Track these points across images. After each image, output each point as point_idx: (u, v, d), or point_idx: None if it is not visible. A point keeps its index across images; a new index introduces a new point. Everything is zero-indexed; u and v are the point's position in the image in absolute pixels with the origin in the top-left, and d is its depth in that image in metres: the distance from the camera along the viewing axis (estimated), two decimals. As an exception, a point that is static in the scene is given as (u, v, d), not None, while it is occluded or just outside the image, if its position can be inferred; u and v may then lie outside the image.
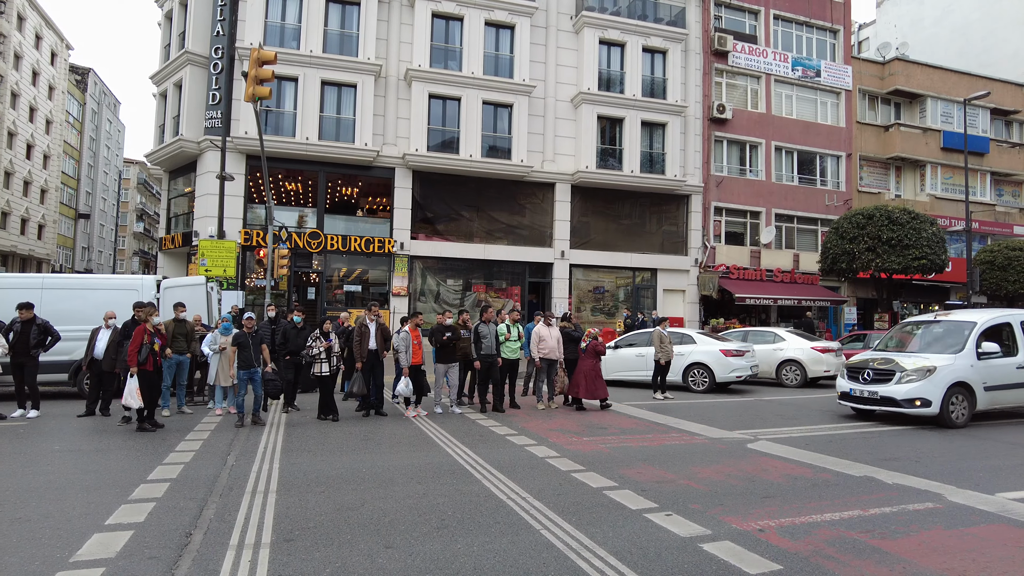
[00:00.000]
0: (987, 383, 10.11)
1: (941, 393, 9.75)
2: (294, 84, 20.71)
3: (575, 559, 4.41)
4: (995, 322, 10.70)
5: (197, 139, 20.71)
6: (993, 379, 10.17)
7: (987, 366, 10.15)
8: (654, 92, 24.72)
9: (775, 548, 4.65)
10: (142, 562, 4.33)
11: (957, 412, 9.94)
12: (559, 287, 23.36)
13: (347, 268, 22.12)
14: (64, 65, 46.18)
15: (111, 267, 60.11)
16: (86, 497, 5.80)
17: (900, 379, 10.10)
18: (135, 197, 69.56)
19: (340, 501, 5.74)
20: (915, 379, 9.95)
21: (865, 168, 29.01)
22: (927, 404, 9.77)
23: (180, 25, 21.74)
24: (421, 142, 21.53)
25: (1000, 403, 10.43)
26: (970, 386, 9.98)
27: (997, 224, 30.91)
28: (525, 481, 6.48)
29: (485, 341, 11.14)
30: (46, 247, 43.87)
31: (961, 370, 9.98)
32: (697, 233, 25.33)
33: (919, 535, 4.97)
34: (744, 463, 7.45)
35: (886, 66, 29.76)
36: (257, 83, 13.19)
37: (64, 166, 47.50)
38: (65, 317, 11.17)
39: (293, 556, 4.45)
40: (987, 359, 10.17)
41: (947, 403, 9.82)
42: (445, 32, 22.57)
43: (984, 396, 10.10)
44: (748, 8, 27.21)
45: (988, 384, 10.12)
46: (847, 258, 23.11)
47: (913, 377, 9.97)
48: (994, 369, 10.21)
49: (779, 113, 27.28)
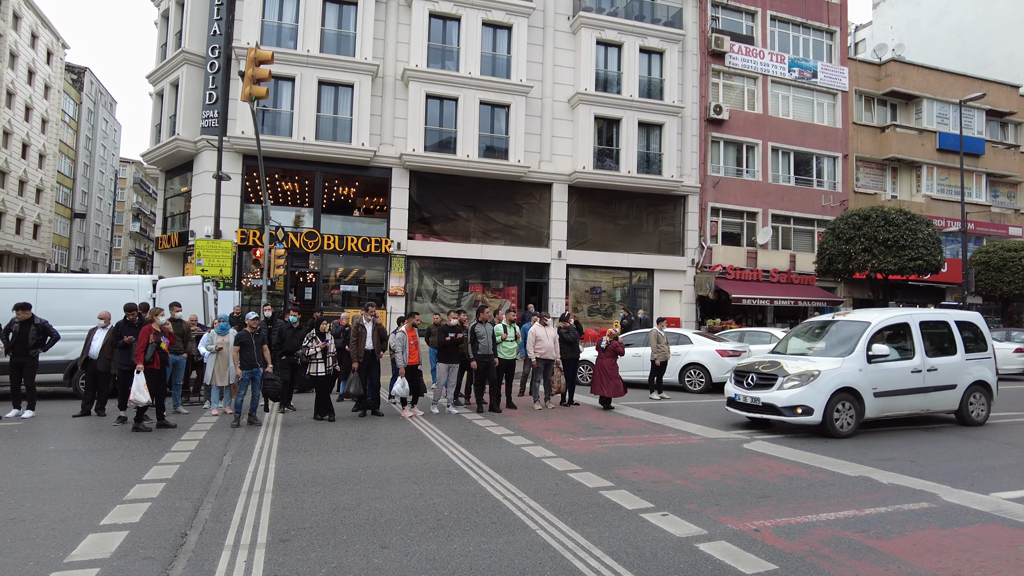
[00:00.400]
0: (877, 388, 9.23)
1: (824, 400, 8.84)
2: (291, 84, 20.69)
3: (571, 559, 4.42)
4: (891, 322, 9.89)
5: (194, 139, 20.67)
6: (885, 384, 9.31)
7: (878, 370, 9.28)
8: (651, 93, 24.75)
9: (771, 548, 4.66)
10: (137, 562, 4.32)
11: (842, 420, 9.05)
12: (556, 287, 23.37)
13: (344, 268, 22.10)
14: (60, 64, 46.03)
15: (107, 267, 59.95)
16: (81, 497, 5.78)
17: (782, 385, 9.17)
18: (131, 197, 69.40)
19: (336, 501, 5.73)
20: (797, 385, 9.03)
21: (861, 169, 29.09)
22: (808, 412, 8.88)
23: (177, 24, 21.69)
24: (418, 142, 21.52)
25: (892, 410, 9.53)
26: (857, 392, 9.09)
27: (992, 225, 31.03)
28: (521, 481, 6.48)
29: (482, 341, 11.14)
30: (42, 247, 43.72)
31: (848, 375, 9.08)
32: (694, 233, 25.36)
33: (914, 535, 4.98)
34: (740, 463, 7.46)
35: (882, 67, 29.85)
36: (254, 83, 13.16)
37: (60, 165, 47.36)
38: (61, 317, 11.12)
39: (289, 556, 4.44)
40: (878, 362, 9.31)
41: (831, 411, 8.92)
42: (442, 32, 22.57)
43: (874, 403, 9.23)
44: (745, 9, 27.27)
45: (879, 390, 9.25)
46: (843, 259, 23.18)
47: (795, 383, 9.05)
48: (886, 373, 9.35)
49: (776, 114, 27.34)
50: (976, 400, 10.27)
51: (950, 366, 9.99)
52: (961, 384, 10.04)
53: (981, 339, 10.58)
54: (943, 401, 9.97)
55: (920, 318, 10.04)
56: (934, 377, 9.74)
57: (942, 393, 9.88)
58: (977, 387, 10.24)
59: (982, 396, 10.36)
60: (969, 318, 10.83)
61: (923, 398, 9.71)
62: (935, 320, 10.36)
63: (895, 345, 9.75)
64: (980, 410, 10.33)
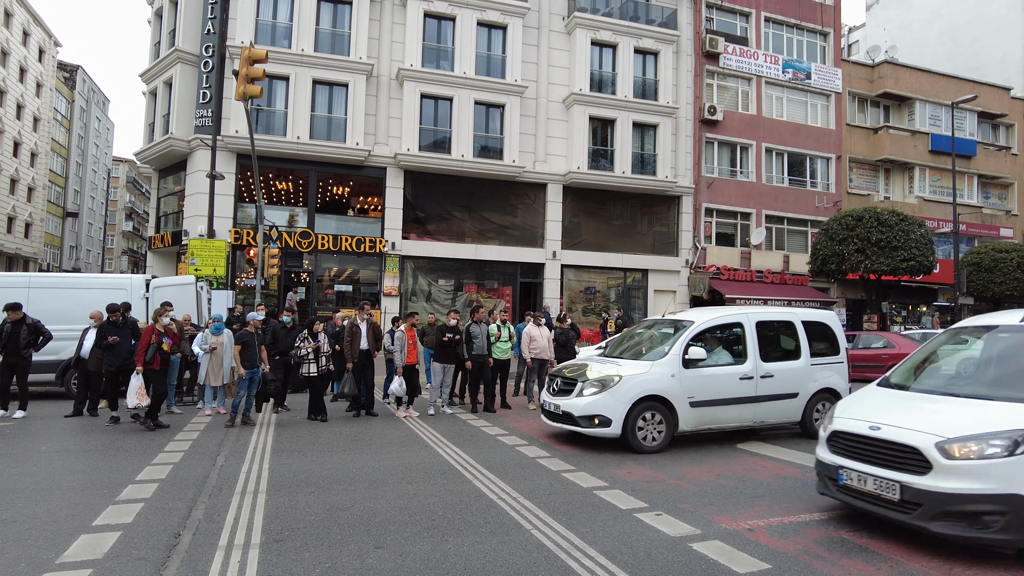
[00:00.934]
0: (695, 397, 8.07)
1: (624, 409, 7.72)
2: (285, 83, 20.62)
3: (565, 559, 4.43)
4: (719, 322, 8.79)
5: (187, 138, 20.58)
6: (705, 392, 8.14)
7: (697, 376, 8.12)
8: (645, 93, 24.80)
9: (764, 547, 4.69)
10: (130, 563, 4.30)
11: (648, 434, 7.88)
12: (550, 287, 23.39)
13: (338, 268, 22.05)
14: (52, 62, 45.76)
15: (99, 266, 59.62)
16: (73, 498, 5.76)
17: (581, 391, 8.07)
18: (124, 196, 69.04)
19: (330, 501, 5.73)
20: (596, 391, 7.92)
21: (854, 170, 29.23)
22: (606, 423, 7.76)
23: (171, 23, 21.59)
24: (413, 142, 21.50)
25: (715, 422, 8.34)
26: (668, 401, 7.95)
27: (984, 226, 31.23)
28: (516, 481, 6.48)
29: (476, 341, 11.14)
30: (33, 246, 43.45)
31: (655, 381, 7.95)
32: (688, 234, 25.42)
33: (906, 534, 5.01)
34: (734, 463, 7.49)
35: (875, 69, 30.00)
36: (248, 82, 13.12)
37: (52, 164, 47.07)
38: (52, 317, 11.05)
39: (283, 557, 4.43)
40: (697, 367, 8.13)
41: (633, 422, 7.78)
42: (437, 32, 22.55)
43: (690, 413, 8.07)
44: (739, 10, 27.36)
45: (697, 399, 8.08)
46: (836, 259, 23.29)
47: (595, 389, 7.93)
48: (708, 380, 8.21)
49: (769, 115, 27.44)
50: (824, 410, 9.00)
51: (791, 372, 8.84)
52: (804, 392, 8.89)
53: (833, 342, 9.47)
54: (782, 411, 8.83)
55: (757, 318, 8.91)
56: (770, 384, 8.59)
57: (781, 403, 8.75)
58: (825, 395, 9.07)
59: (831, 406, 8.61)
60: (819, 317, 9.69)
61: (755, 408, 8.53)
62: (777, 320, 9.28)
63: (729, 348, 8.73)
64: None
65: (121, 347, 9.43)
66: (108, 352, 9.43)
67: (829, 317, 9.80)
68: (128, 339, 9.56)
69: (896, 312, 28.96)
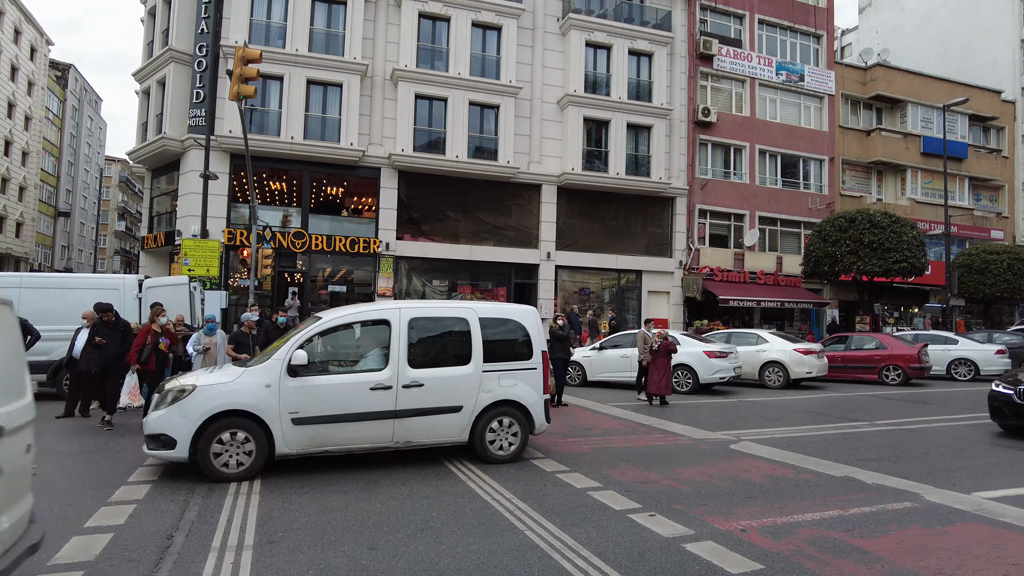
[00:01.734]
0: (301, 412, 6.61)
1: (192, 427, 6.35)
2: (279, 83, 20.56)
3: (559, 559, 4.43)
4: (355, 319, 7.33)
5: (181, 137, 20.49)
6: (316, 407, 6.67)
7: (307, 386, 6.67)
8: (640, 95, 24.85)
9: (757, 548, 4.71)
10: (122, 565, 4.29)
11: (229, 459, 6.42)
12: (545, 288, 23.40)
13: (332, 268, 22.00)
14: (44, 61, 45.48)
15: (92, 266, 59.29)
16: (65, 499, 5.73)
17: (158, 404, 6.75)
18: (117, 195, 68.69)
19: (323, 503, 5.72)
20: (165, 406, 6.60)
21: (847, 172, 29.39)
22: (170, 444, 6.37)
23: (164, 22, 21.49)
24: (407, 142, 21.47)
25: (333, 443, 6.83)
26: (258, 417, 6.50)
27: (975, 228, 31.46)
28: (509, 482, 6.49)
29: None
30: (24, 246, 43.16)
31: (240, 392, 6.55)
32: (682, 235, 25.49)
33: (897, 534, 5.05)
34: (727, 464, 7.51)
35: (868, 71, 30.19)
36: (242, 81, 13.08)
37: (43, 163, 46.78)
38: (44, 317, 10.97)
39: (276, 558, 4.42)
40: (308, 375, 6.75)
41: (206, 444, 6.36)
42: (432, 32, 22.53)
43: (293, 433, 6.59)
44: (733, 13, 27.47)
45: (303, 414, 6.62)
46: (829, 261, 23.42)
47: (168, 402, 6.62)
48: (320, 391, 6.73)
49: (763, 117, 27.55)
50: (502, 428, 7.41)
51: (451, 381, 7.26)
52: (471, 406, 7.27)
53: (526, 343, 7.77)
54: (439, 429, 7.22)
55: (413, 313, 7.35)
56: (417, 396, 7.03)
57: (435, 419, 7.17)
58: (505, 409, 7.43)
59: (512, 422, 7.45)
60: (507, 313, 7.93)
61: (397, 425, 6.96)
62: (442, 317, 7.71)
63: (376, 350, 7.27)
64: (507, 441, 7.44)
65: (108, 349, 9.37)
66: (95, 352, 9.37)
67: (523, 313, 7.97)
68: (118, 340, 9.50)
69: (888, 313, 29.13)
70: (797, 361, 15.73)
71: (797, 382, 15.98)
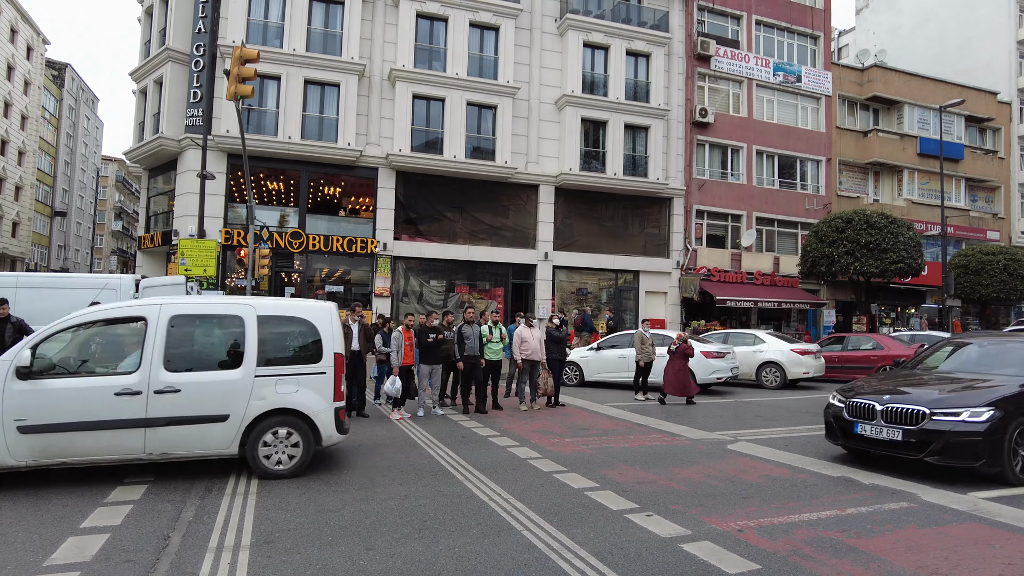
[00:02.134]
0: (29, 420, 5.89)
1: None
2: (277, 83, 20.54)
3: (556, 560, 4.44)
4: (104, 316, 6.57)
5: (178, 137, 20.45)
6: (50, 413, 5.95)
7: (35, 391, 5.95)
8: (637, 95, 24.88)
9: (754, 548, 4.71)
10: (118, 565, 4.28)
11: None
12: (542, 288, 23.40)
13: (329, 268, 21.98)
14: (40, 60, 45.33)
15: (88, 266, 59.14)
16: (60, 500, 5.71)
17: None
18: (113, 195, 68.50)
19: (321, 503, 5.71)
20: None
21: (844, 173, 29.45)
22: None
23: (161, 21, 21.46)
24: (405, 142, 21.46)
25: (72, 454, 6.08)
26: None
27: (971, 229, 31.55)
28: (507, 482, 6.49)
29: (468, 342, 11.14)
30: (20, 245, 43.03)
31: None
32: (679, 236, 25.52)
33: (894, 534, 5.06)
34: (724, 464, 7.52)
35: (865, 72, 30.25)
36: (239, 81, 13.06)
37: (40, 163, 46.62)
38: (40, 317, 10.91)
39: (273, 558, 4.42)
40: (38, 380, 6.00)
41: None
42: (429, 33, 22.53)
43: (20, 443, 5.89)
44: (731, 13, 27.51)
45: (32, 421, 5.90)
46: (826, 261, 23.46)
47: None
48: (54, 396, 6.02)
49: (760, 117, 27.59)
50: (278, 439, 6.64)
51: (216, 386, 6.47)
52: (240, 414, 6.46)
53: (314, 345, 6.90)
54: (201, 439, 6.42)
55: (176, 310, 6.58)
56: (173, 403, 6.26)
57: (195, 428, 6.37)
58: (280, 419, 6.63)
59: (291, 433, 6.66)
60: (294, 311, 7.15)
61: (149, 435, 6.20)
62: (211, 314, 6.91)
63: (134, 352, 6.44)
64: (286, 454, 6.63)
65: None
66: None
67: (315, 311, 7.09)
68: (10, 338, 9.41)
69: (885, 314, 29.19)
70: (794, 361, 15.76)
71: (794, 382, 16.00)
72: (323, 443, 6.84)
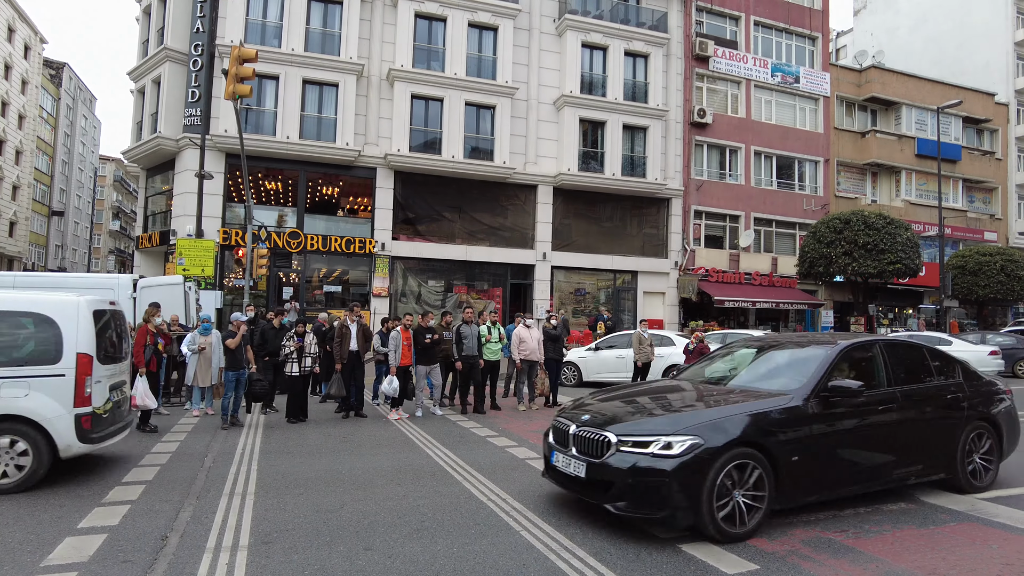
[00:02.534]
0: None
1: None
2: (275, 82, 20.52)
3: (555, 560, 4.43)
4: None
5: (176, 136, 20.43)
6: None
7: None
8: (636, 96, 24.89)
9: (752, 548, 4.71)
10: (116, 566, 4.26)
11: None
12: (541, 289, 23.41)
13: (327, 268, 21.96)
14: (38, 59, 45.25)
15: (86, 266, 58.99)
16: (58, 500, 5.70)
17: None
18: (111, 195, 68.35)
19: (319, 503, 5.70)
20: None
21: (842, 173, 29.49)
22: None
23: (159, 21, 21.43)
24: (403, 142, 21.45)
25: None
26: None
27: (968, 230, 31.61)
28: (505, 482, 6.48)
29: (467, 342, 11.13)
30: (18, 245, 42.94)
31: None
32: (677, 236, 25.54)
33: (892, 534, 5.06)
34: (722, 464, 7.50)
35: (863, 73, 30.30)
36: (237, 81, 13.03)
37: (37, 162, 46.53)
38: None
39: (271, 559, 4.41)
40: None
41: None
42: (428, 33, 22.53)
43: None
44: (729, 14, 27.53)
45: None
46: (824, 262, 23.49)
47: None
48: None
49: (759, 118, 27.62)
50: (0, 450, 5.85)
51: None
52: None
53: (52, 342, 6.09)
54: None
55: None
56: None
57: None
58: (4, 427, 5.87)
59: (17, 441, 5.88)
60: (27, 306, 6.29)
61: None
62: None
63: None
64: (12, 466, 5.87)
65: None
66: None
67: (54, 305, 6.23)
68: None
69: (883, 314, 29.23)
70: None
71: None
72: (61, 454, 6.04)
